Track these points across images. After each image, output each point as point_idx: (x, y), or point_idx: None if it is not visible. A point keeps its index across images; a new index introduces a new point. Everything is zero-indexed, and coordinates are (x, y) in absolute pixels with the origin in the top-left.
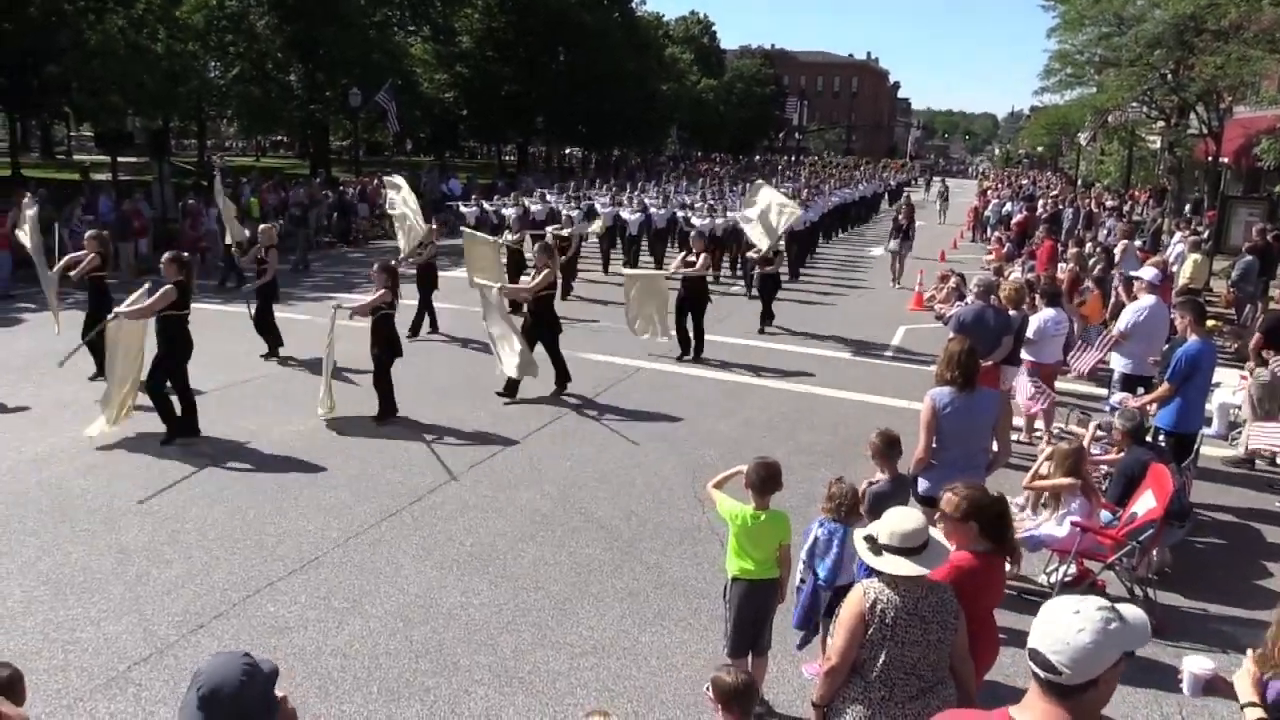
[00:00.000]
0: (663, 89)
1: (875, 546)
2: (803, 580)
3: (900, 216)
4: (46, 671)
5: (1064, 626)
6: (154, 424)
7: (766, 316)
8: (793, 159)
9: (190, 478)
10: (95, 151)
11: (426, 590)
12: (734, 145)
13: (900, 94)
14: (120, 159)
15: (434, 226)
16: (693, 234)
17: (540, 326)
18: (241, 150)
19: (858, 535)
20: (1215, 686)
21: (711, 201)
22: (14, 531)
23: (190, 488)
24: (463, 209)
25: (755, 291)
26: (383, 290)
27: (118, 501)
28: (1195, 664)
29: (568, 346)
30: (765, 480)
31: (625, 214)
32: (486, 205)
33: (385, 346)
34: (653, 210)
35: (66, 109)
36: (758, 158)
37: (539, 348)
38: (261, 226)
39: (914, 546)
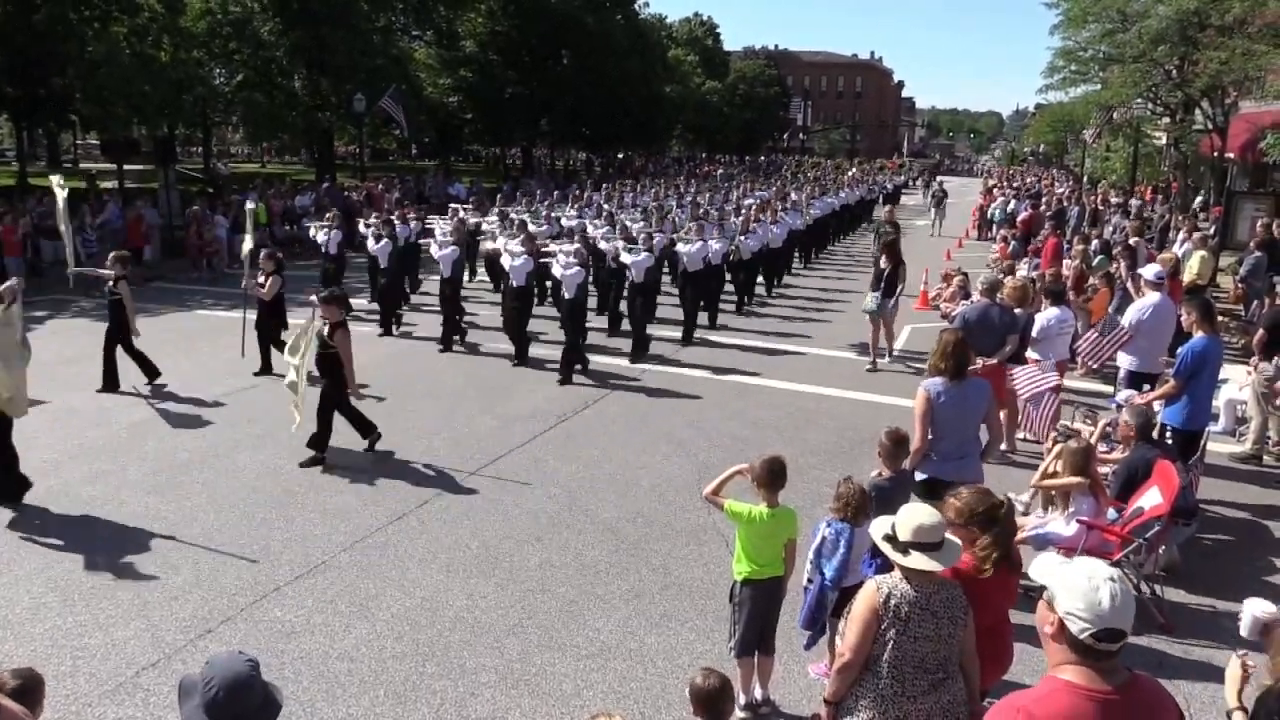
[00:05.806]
0: (666, 91)
1: (900, 546)
2: (809, 580)
3: (881, 258)
4: (55, 677)
5: (1112, 595)
6: (160, 430)
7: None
8: (797, 159)
9: (198, 484)
10: (101, 159)
11: (433, 593)
12: (739, 146)
13: (905, 93)
14: (126, 166)
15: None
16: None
17: None
18: (247, 156)
19: (877, 537)
20: (1271, 632)
21: (585, 222)
22: (22, 538)
23: (197, 494)
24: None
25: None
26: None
27: (125, 507)
28: (1257, 606)
29: None
30: (775, 475)
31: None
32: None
33: None
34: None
35: (72, 118)
36: (762, 159)
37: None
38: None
39: (935, 542)
